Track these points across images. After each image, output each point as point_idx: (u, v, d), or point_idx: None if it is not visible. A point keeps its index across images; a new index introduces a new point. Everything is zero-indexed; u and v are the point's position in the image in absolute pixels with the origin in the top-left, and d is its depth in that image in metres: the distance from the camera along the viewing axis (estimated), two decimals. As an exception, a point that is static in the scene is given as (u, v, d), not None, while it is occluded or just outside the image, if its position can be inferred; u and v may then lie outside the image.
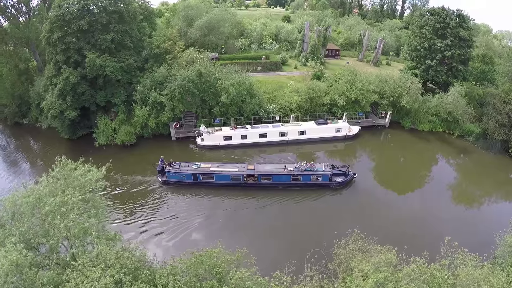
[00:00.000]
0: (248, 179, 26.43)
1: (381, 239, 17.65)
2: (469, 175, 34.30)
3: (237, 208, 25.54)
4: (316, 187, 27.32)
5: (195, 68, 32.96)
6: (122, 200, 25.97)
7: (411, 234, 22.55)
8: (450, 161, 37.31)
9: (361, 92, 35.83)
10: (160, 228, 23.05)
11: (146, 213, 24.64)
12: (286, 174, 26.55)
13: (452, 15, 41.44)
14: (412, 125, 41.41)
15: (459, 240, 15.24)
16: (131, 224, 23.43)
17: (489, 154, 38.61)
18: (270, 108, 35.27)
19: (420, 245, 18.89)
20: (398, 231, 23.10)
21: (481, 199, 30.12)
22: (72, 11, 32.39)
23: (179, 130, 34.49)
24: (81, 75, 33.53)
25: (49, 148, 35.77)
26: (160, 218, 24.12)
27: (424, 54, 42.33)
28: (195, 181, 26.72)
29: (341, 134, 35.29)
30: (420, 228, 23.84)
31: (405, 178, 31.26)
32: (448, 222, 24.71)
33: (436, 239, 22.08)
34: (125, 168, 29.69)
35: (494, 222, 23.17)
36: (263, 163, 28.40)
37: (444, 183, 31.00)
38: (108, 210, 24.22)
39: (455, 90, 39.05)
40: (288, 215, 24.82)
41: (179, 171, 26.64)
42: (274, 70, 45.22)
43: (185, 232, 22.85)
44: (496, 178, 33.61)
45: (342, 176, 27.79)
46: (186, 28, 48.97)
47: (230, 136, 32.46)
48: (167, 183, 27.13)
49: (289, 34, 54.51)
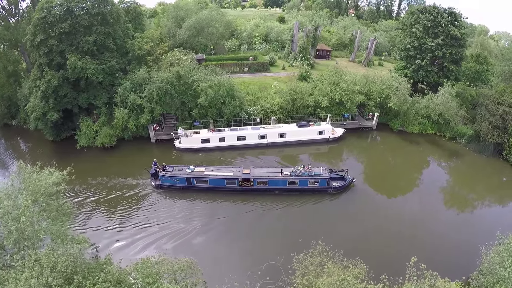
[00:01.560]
0: (243, 183, 25.74)
1: (363, 251, 17.26)
2: (461, 179, 33.10)
3: (231, 215, 24.68)
4: (314, 192, 26.47)
5: (174, 70, 32.73)
6: (110, 204, 25.56)
7: (393, 248, 21.71)
8: (441, 165, 36.10)
9: (346, 93, 34.92)
10: (143, 234, 22.54)
11: (134, 218, 24.15)
12: (282, 179, 25.74)
13: (443, 13, 40.12)
14: (401, 127, 40.29)
15: (447, 252, 14.51)
16: (110, 231, 23.05)
17: (481, 157, 37.35)
18: (251, 110, 34.75)
19: (400, 259, 18.14)
20: (379, 242, 22.18)
21: (474, 203, 29.02)
22: (54, 14, 32.57)
23: (158, 132, 34.35)
24: (63, 78, 33.73)
25: (35, 149, 36.26)
26: (148, 224, 23.45)
27: (414, 53, 41.13)
28: (189, 185, 26.04)
29: (324, 137, 34.49)
30: (407, 241, 22.70)
31: (392, 183, 30.08)
32: (437, 233, 23.66)
33: (417, 251, 21.17)
34: (104, 171, 29.78)
35: (485, 231, 21.89)
36: (259, 167, 27.84)
37: (434, 188, 29.87)
38: (87, 215, 24.44)
39: (445, 91, 37.78)
40: (278, 222, 23.97)
41: (172, 174, 26.00)
42: (261, 71, 44.69)
43: (170, 239, 22.24)
44: (489, 182, 32.48)
45: (340, 181, 27.02)
46: (175, 29, 48.93)
47: (207, 138, 32.11)
48: (160, 187, 26.56)
49: (280, 34, 53.87)
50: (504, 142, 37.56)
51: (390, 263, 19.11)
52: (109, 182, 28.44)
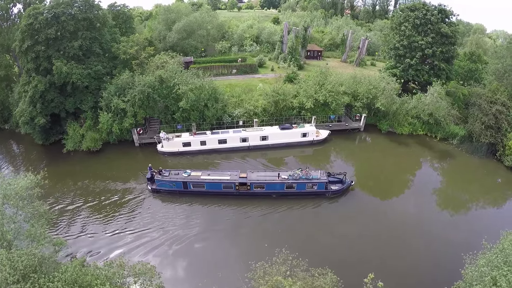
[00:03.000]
0: (240, 187, 25.55)
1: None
2: (454, 181, 32.25)
3: (228, 219, 24.51)
4: (312, 196, 26.20)
5: (157, 74, 32.89)
6: (104, 210, 25.56)
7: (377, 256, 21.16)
8: (433, 166, 35.19)
9: (331, 94, 34.44)
10: (142, 240, 22.49)
11: (131, 224, 24.07)
12: (280, 183, 25.57)
13: (433, 10, 39.20)
14: (390, 128, 39.58)
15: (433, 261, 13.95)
16: (110, 236, 23.01)
17: (474, 158, 36.42)
18: (234, 113, 34.63)
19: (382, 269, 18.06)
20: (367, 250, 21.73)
21: (466, 205, 28.22)
22: (40, 20, 33.13)
23: (142, 136, 34.57)
24: (50, 83, 34.28)
25: (25, 152, 37.06)
26: (145, 229, 23.38)
27: (403, 52, 40.30)
28: (185, 189, 25.98)
29: (308, 139, 34.10)
30: (390, 246, 22.27)
31: (382, 186, 29.25)
32: (428, 237, 23.06)
33: (406, 257, 20.90)
34: (91, 174, 30.23)
35: (477, 236, 20.15)
36: (256, 171, 27.65)
37: (426, 191, 29.10)
38: (77, 220, 24.59)
39: (434, 90, 36.88)
40: (274, 227, 23.70)
41: (168, 179, 25.97)
42: (249, 72, 44.55)
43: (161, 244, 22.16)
44: (482, 184, 31.56)
45: (338, 184, 26.69)
46: (166, 32, 49.26)
47: (189, 142, 32.14)
48: (156, 191, 26.58)
49: (271, 35, 53.59)
50: (498, 142, 36.64)
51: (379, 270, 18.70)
52: (94, 185, 28.70)
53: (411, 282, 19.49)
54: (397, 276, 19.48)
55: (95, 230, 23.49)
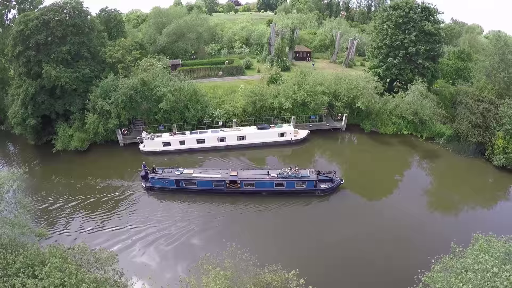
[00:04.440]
0: (230, 185, 26.24)
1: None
2: (438, 180, 31.87)
3: (218, 216, 25.03)
4: (301, 194, 26.66)
5: (139, 77, 34.03)
6: (100, 207, 26.41)
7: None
8: (417, 166, 34.94)
9: (309, 94, 34.81)
10: (138, 235, 23.12)
11: (125, 219, 24.78)
12: (269, 181, 26.16)
13: (417, 8, 38.99)
14: (374, 128, 39.55)
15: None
16: (107, 232, 23.72)
17: (461, 158, 35.99)
18: (215, 114, 35.44)
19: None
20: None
21: (454, 205, 27.70)
22: (30, 27, 34.80)
23: (127, 136, 35.79)
24: (40, 86, 35.91)
25: (20, 152, 38.93)
26: (138, 226, 24.01)
27: (386, 51, 40.23)
28: (178, 187, 26.74)
29: (286, 139, 34.59)
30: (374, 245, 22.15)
31: (363, 185, 28.92)
32: (407, 237, 22.86)
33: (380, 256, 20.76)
34: (72, 173, 31.56)
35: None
36: (246, 169, 28.33)
37: (408, 193, 28.69)
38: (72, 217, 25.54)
39: (415, 88, 36.67)
40: (262, 223, 24.28)
41: (161, 177, 26.82)
42: (235, 74, 45.37)
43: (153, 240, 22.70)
44: (471, 184, 31.01)
45: (328, 183, 27.07)
46: (156, 35, 50.61)
47: (168, 142, 33.15)
48: (150, 189, 27.44)
49: (260, 37, 54.24)
50: (486, 141, 36.03)
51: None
52: (80, 184, 29.90)
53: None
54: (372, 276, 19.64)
55: (85, 227, 24.27)
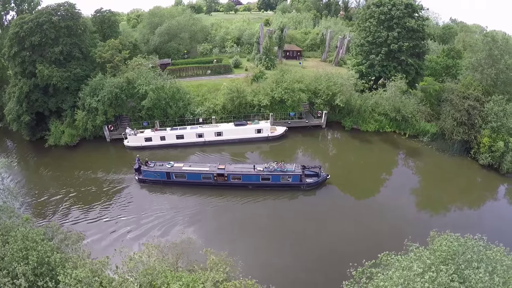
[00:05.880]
0: (218, 178, 27.41)
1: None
2: (421, 180, 32.02)
3: (203, 207, 26.15)
4: (287, 188, 27.50)
5: (124, 76, 35.68)
6: (90, 199, 27.98)
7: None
8: (397, 165, 35.14)
9: (286, 92, 35.56)
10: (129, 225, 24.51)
11: (119, 210, 26.27)
12: (255, 174, 27.17)
13: (400, 5, 38.92)
14: (355, 125, 39.81)
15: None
16: (107, 222, 25.18)
17: (445, 156, 35.81)
18: (196, 111, 36.71)
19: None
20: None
21: (440, 204, 27.44)
22: (25, 29, 37.02)
23: (113, 132, 37.57)
24: (34, 84, 38.13)
25: (16, 147, 41.40)
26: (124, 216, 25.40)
27: (369, 49, 40.34)
28: (169, 179, 28.14)
29: (263, 135, 35.53)
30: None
31: (340, 180, 29.20)
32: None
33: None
34: (63, 166, 33.53)
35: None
36: (234, 163, 29.70)
37: (391, 192, 28.85)
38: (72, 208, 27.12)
39: (393, 85, 36.70)
40: (244, 215, 25.39)
41: (153, 169, 28.30)
42: (223, 73, 46.53)
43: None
44: (456, 184, 30.89)
45: (314, 177, 27.79)
46: (149, 35, 52.35)
47: (150, 137, 34.73)
48: (143, 181, 28.96)
49: (251, 37, 55.15)
50: (472, 139, 35.65)
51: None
52: (70, 176, 31.79)
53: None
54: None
55: (73, 216, 25.98)
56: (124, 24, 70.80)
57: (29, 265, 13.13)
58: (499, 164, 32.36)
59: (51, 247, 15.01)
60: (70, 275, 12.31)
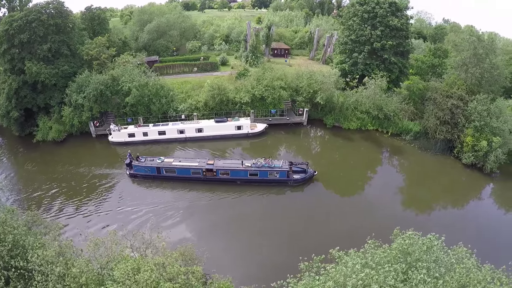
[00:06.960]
0: (207, 173, 28.22)
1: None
2: (402, 178, 32.35)
3: (192, 202, 26.95)
4: (274, 183, 28.24)
5: (110, 73, 36.49)
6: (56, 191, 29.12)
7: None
8: (379, 163, 35.52)
9: (267, 89, 36.16)
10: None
11: (111, 203, 27.22)
12: (243, 170, 27.90)
13: (383, 4, 39.13)
14: (336, 123, 40.34)
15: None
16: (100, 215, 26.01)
17: (428, 155, 36.08)
18: (179, 107, 37.48)
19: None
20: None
21: (420, 203, 27.85)
22: (15, 27, 37.91)
23: (99, 128, 38.53)
24: (23, 81, 39.13)
25: (6, 142, 42.60)
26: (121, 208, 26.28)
27: (352, 47, 40.68)
28: (159, 174, 28.92)
29: (243, 132, 36.29)
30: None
31: (325, 177, 29.65)
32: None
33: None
34: (50, 161, 34.59)
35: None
36: (222, 159, 30.71)
37: (369, 192, 29.35)
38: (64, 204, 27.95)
39: (372, 83, 37.07)
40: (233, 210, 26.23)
41: (144, 164, 29.12)
42: (209, 70, 47.21)
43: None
44: (439, 182, 31.13)
45: (301, 173, 28.48)
46: (139, 33, 53.07)
47: (133, 133, 35.68)
48: (134, 176, 29.81)
49: (240, 34, 55.60)
50: (455, 138, 35.91)
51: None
52: (56, 170, 32.78)
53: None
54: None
55: (60, 209, 26.77)
56: (117, 21, 71.68)
57: (5, 246, 14.10)
58: (483, 163, 32.45)
59: (25, 231, 15.96)
60: (38, 255, 13.35)
